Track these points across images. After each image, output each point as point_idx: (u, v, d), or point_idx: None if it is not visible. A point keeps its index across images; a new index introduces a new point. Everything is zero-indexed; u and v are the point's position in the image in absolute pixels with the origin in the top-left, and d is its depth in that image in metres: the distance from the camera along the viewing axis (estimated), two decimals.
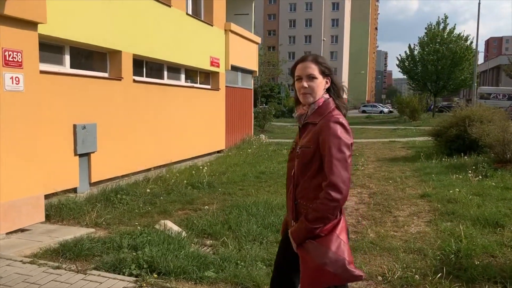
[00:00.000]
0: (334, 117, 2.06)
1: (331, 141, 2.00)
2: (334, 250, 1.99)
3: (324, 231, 2.02)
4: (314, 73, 2.13)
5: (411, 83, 35.27)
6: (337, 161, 1.97)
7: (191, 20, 11.55)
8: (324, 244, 2.00)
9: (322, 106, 2.14)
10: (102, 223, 5.70)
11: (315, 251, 2.00)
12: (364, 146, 15.13)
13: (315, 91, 2.14)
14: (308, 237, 2.03)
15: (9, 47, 4.76)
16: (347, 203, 6.84)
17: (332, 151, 1.99)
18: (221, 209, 6.38)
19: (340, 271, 1.97)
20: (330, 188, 1.96)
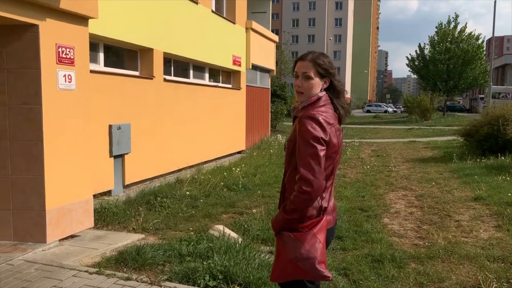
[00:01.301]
0: (310, 113, 2.08)
1: (302, 136, 2.04)
2: (308, 247, 2.03)
3: (304, 227, 2.07)
4: (310, 73, 2.15)
5: (421, 82, 35.03)
6: (308, 155, 2.01)
7: (215, 18, 11.29)
8: (300, 240, 2.05)
9: (311, 103, 2.16)
10: (149, 228, 5.44)
11: (290, 244, 2.06)
12: (386, 146, 14.89)
13: (308, 90, 2.16)
14: (285, 227, 2.09)
15: (62, 43, 4.49)
16: (397, 206, 6.60)
17: (301, 146, 2.03)
18: (268, 213, 6.13)
19: (308, 268, 2.03)
20: (300, 182, 2.01)
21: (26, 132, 4.30)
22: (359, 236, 5.12)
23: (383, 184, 8.20)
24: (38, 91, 4.26)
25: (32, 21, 4.14)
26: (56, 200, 4.48)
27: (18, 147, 4.32)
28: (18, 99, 4.29)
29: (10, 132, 4.31)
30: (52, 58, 4.39)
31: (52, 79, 4.40)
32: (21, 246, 4.31)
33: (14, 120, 4.30)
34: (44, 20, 4.27)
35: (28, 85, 4.27)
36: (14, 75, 4.27)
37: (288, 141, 2.19)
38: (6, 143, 4.32)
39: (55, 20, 4.41)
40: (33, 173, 4.32)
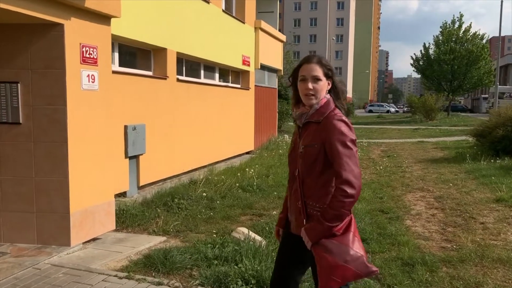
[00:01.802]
0: (337, 115, 2.10)
1: (337, 139, 2.04)
2: (355, 248, 2.05)
3: (339, 229, 2.05)
4: (319, 75, 2.15)
5: (425, 82, 34.94)
6: (346, 157, 2.02)
7: (226, 17, 11.21)
8: (344, 243, 2.04)
9: (324, 106, 2.16)
10: (170, 230, 5.36)
11: (336, 250, 2.03)
12: (395, 147, 14.81)
13: (319, 93, 2.16)
14: (325, 235, 2.05)
15: (86, 43, 4.41)
16: (417, 208, 6.52)
17: (339, 148, 2.03)
18: None
19: (360, 268, 2.03)
20: (344, 185, 1.99)
21: (50, 133, 4.22)
22: (383, 239, 5.04)
23: (399, 185, 8.13)
24: (62, 92, 4.17)
25: (57, 20, 4.06)
26: (80, 202, 4.40)
27: (42, 149, 4.24)
28: (43, 100, 4.21)
29: (34, 134, 4.23)
30: (76, 58, 4.31)
31: (76, 79, 4.32)
32: (46, 249, 4.23)
33: (38, 121, 4.22)
34: (69, 19, 4.19)
35: (53, 85, 4.19)
36: (38, 75, 4.19)
37: (307, 146, 2.13)
38: (30, 144, 4.24)
39: (79, 19, 4.33)
40: (58, 175, 4.24)
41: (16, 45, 4.18)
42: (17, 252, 4.12)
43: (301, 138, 2.20)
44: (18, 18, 3.93)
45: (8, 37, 4.18)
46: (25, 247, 4.26)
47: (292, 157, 2.27)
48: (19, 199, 4.29)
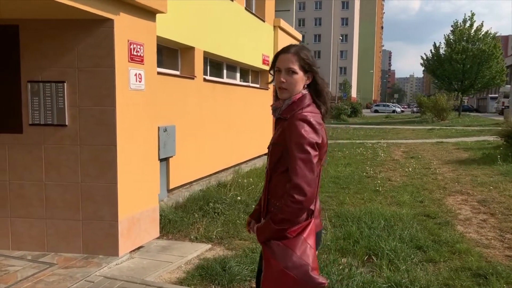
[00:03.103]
0: (301, 114, 1.94)
1: (294, 140, 1.90)
2: (299, 254, 1.91)
3: (292, 232, 1.94)
4: (294, 67, 1.99)
5: (436, 82, 34.61)
6: (300, 161, 1.88)
7: (248, 15, 10.95)
8: (290, 247, 1.92)
9: (296, 102, 2.01)
10: (213, 237, 5.11)
11: (279, 252, 1.92)
12: (415, 148, 14.53)
13: (292, 87, 2.01)
14: (273, 237, 1.95)
15: (133, 40, 4.15)
16: (463, 212, 6.25)
17: (294, 151, 1.89)
18: (326, 220, 5.80)
19: (301, 277, 1.89)
20: (293, 190, 1.87)
21: (98, 136, 3.96)
22: (440, 247, 4.77)
23: (436, 188, 7.86)
24: (111, 92, 3.92)
25: (107, 15, 3.80)
26: (127, 209, 4.14)
27: (89, 152, 3.98)
28: (90, 100, 3.95)
29: (81, 136, 3.98)
30: (124, 56, 4.05)
31: (125, 78, 4.06)
32: (93, 259, 3.97)
33: (85, 123, 3.97)
34: (118, 15, 3.93)
35: (101, 85, 3.93)
36: (85, 74, 3.94)
37: (273, 144, 2.04)
38: (76, 148, 3.99)
39: (127, 15, 4.07)
40: (105, 181, 3.98)
41: (62, 43, 3.93)
42: (64, 263, 3.86)
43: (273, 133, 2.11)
44: (65, 13, 3.68)
45: (53, 34, 3.93)
46: (71, 257, 4.01)
47: (268, 152, 2.14)
48: (64, 206, 4.03)
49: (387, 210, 6.20)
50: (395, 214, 5.94)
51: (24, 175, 4.04)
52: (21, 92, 3.98)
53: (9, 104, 3.99)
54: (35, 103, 3.96)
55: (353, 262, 4.39)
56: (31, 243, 4.09)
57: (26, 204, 4.05)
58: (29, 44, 3.95)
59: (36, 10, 3.68)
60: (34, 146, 4.00)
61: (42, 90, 3.95)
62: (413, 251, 4.63)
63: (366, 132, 22.28)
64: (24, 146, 4.02)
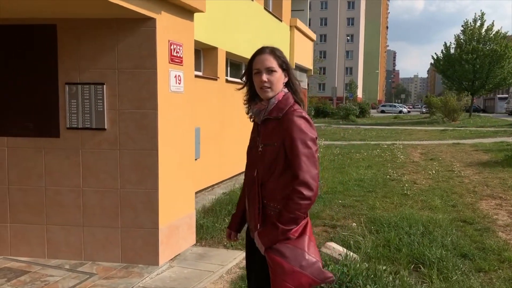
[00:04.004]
0: (297, 112, 1.96)
1: (296, 137, 1.91)
2: (310, 252, 1.93)
3: (295, 232, 1.93)
4: (274, 66, 2.00)
5: (446, 82, 34.31)
6: (305, 157, 1.89)
7: (266, 15, 10.79)
8: (300, 247, 1.92)
9: (282, 101, 2.01)
10: None
11: (291, 254, 1.90)
12: (432, 149, 14.31)
13: (275, 85, 2.01)
14: (279, 240, 1.92)
15: (174, 40, 3.99)
16: (501, 217, 6.05)
17: (298, 147, 1.90)
18: (362, 226, 5.62)
19: (316, 274, 1.93)
20: (301, 186, 1.87)
21: (138, 140, 3.80)
22: (486, 255, 4.59)
23: (465, 192, 7.66)
24: (153, 94, 3.75)
25: (150, 14, 3.64)
26: (167, 216, 3.98)
27: (129, 157, 3.82)
28: (130, 103, 3.79)
29: (121, 140, 3.82)
30: (165, 57, 3.89)
31: (165, 80, 3.90)
32: (133, 269, 3.81)
33: (125, 126, 3.81)
34: (160, 13, 3.77)
35: (142, 87, 3.77)
36: (126, 75, 3.78)
37: (265, 145, 2.00)
38: (115, 153, 3.82)
39: (168, 14, 3.91)
40: (146, 187, 3.82)
41: (101, 43, 3.77)
42: (104, 273, 3.70)
43: (260, 136, 2.05)
44: (106, 11, 3.52)
45: (92, 34, 3.77)
46: (109, 266, 3.85)
47: (251, 157, 2.12)
48: (102, 213, 3.88)
49: (421, 215, 6.02)
50: (431, 219, 5.75)
51: (61, 181, 3.88)
52: (58, 95, 3.82)
53: (46, 107, 3.84)
54: (73, 106, 3.81)
55: (392, 269, 4.22)
56: (68, 252, 3.93)
57: (63, 211, 3.90)
58: (67, 45, 3.79)
59: (75, 9, 3.52)
60: (72, 151, 3.85)
61: (81, 92, 3.79)
62: (459, 260, 4.45)
63: (378, 133, 22.05)
64: (61, 150, 3.86)
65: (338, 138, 18.91)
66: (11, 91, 3.87)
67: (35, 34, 3.81)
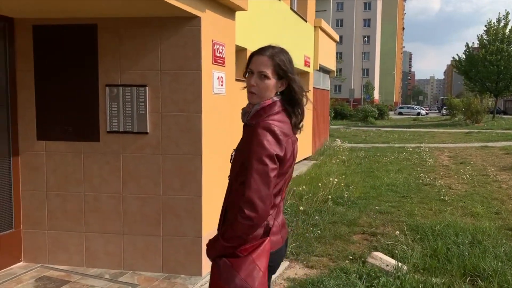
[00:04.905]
0: (265, 122, 1.78)
1: (253, 150, 1.74)
2: (243, 276, 1.76)
3: (243, 251, 1.78)
4: (267, 71, 1.82)
5: (468, 83, 33.58)
6: (256, 173, 1.72)
7: (292, 15, 10.59)
8: (235, 267, 1.77)
9: (265, 108, 1.84)
10: (287, 252, 4.72)
11: (225, 272, 1.78)
12: (460, 152, 13.90)
13: (263, 92, 1.84)
14: (221, 254, 1.81)
15: (217, 40, 3.81)
16: None
17: (252, 162, 1.73)
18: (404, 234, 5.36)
19: None
20: (244, 205, 1.71)
21: (182, 144, 3.62)
22: None
23: (506, 198, 7.32)
24: (197, 96, 3.58)
25: (195, 12, 3.46)
26: (210, 224, 3.79)
27: (171, 162, 3.65)
28: (174, 106, 3.62)
29: (163, 145, 3.65)
30: (209, 57, 3.71)
31: (209, 82, 3.72)
32: (176, 280, 3.63)
33: (167, 130, 3.64)
34: (204, 12, 3.59)
35: (186, 89, 3.59)
36: (169, 77, 3.61)
37: (237, 150, 1.91)
38: (157, 157, 3.66)
39: (212, 12, 3.73)
40: (189, 193, 3.64)
41: (143, 43, 3.61)
42: (146, 283, 3.53)
43: None
44: (149, 10, 3.36)
45: (134, 34, 3.62)
46: (151, 276, 3.68)
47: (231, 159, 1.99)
48: (143, 220, 3.71)
49: (465, 222, 5.73)
50: (477, 228, 5.45)
51: (101, 187, 3.73)
52: (98, 97, 3.68)
53: (85, 110, 3.69)
54: (114, 109, 3.65)
55: (441, 281, 3.97)
56: (107, 260, 3.78)
57: (103, 218, 3.75)
58: (108, 45, 3.64)
59: (116, 8, 3.37)
60: (112, 155, 3.69)
61: (122, 94, 3.63)
62: None
63: (400, 135, 21.61)
64: (101, 155, 3.71)
65: (360, 141, 18.57)
66: (51, 93, 3.74)
67: (75, 34, 3.67)
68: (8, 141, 3.74)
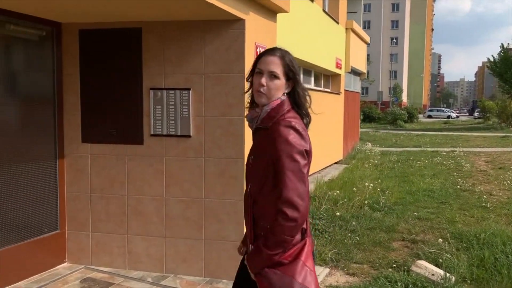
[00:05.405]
0: (285, 120, 1.77)
1: (281, 149, 1.71)
2: (301, 281, 1.72)
3: (288, 257, 1.73)
4: (277, 71, 1.82)
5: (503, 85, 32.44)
6: (290, 172, 1.70)
7: (324, 17, 10.48)
8: (289, 274, 1.72)
9: (275, 108, 1.83)
10: (326, 258, 4.63)
11: (278, 282, 1.72)
12: (497, 157, 13.40)
13: (272, 92, 1.83)
14: (267, 265, 1.73)
15: (259, 43, 3.77)
16: None
17: (283, 161, 1.70)
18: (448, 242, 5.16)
19: None
20: (284, 205, 1.67)
21: (224, 148, 3.60)
22: None
23: None
24: (240, 100, 3.54)
25: (240, 14, 3.43)
26: None
27: (214, 166, 3.62)
28: (216, 109, 3.60)
29: (206, 148, 3.63)
30: (250, 60, 3.65)
31: None
32: (217, 284, 3.60)
33: (210, 134, 3.62)
34: (248, 14, 3.56)
35: (229, 92, 3.57)
36: (212, 80, 3.59)
37: (255, 158, 1.85)
38: (200, 161, 3.64)
39: (255, 14, 3.70)
40: (231, 197, 3.61)
41: (187, 46, 3.61)
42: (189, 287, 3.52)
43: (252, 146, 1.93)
44: (194, 13, 3.35)
45: (178, 37, 3.62)
46: (193, 280, 3.66)
47: (247, 170, 1.95)
48: (185, 224, 3.70)
49: (511, 231, 5.48)
50: None
51: (144, 190, 3.75)
52: (142, 100, 3.70)
53: (130, 113, 3.72)
54: (158, 112, 3.66)
55: None
56: (149, 263, 3.79)
57: (145, 221, 3.76)
58: (152, 49, 3.66)
59: (161, 11, 3.38)
60: (155, 159, 3.71)
61: (166, 98, 3.64)
62: None
63: (432, 139, 21.05)
64: (144, 158, 3.73)
65: (391, 144, 18.19)
66: (96, 96, 3.79)
67: (119, 38, 3.71)
68: (54, 144, 3.81)
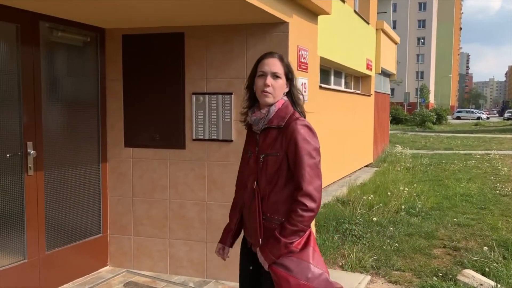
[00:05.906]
0: (300, 120, 1.93)
1: (301, 146, 1.87)
2: (315, 263, 1.88)
3: (298, 245, 1.88)
4: (280, 72, 1.96)
5: None
6: (309, 167, 1.87)
7: (355, 18, 10.34)
8: (304, 259, 1.86)
9: (282, 109, 1.96)
10: (366, 265, 4.52)
11: (296, 268, 1.84)
12: None
13: (277, 92, 1.96)
14: (282, 254, 1.86)
15: (302, 45, 3.71)
16: None
17: (303, 157, 1.87)
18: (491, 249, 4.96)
19: (323, 285, 1.86)
20: (304, 197, 1.84)
21: None
22: None
23: None
24: None
25: (283, 17, 3.38)
26: None
27: None
28: None
29: None
30: (294, 64, 3.61)
31: None
32: None
33: None
34: (291, 17, 3.51)
35: None
36: None
37: (268, 155, 1.93)
38: None
39: (298, 17, 3.64)
40: None
41: (229, 50, 3.58)
42: None
43: (259, 146, 1.98)
44: (239, 16, 3.31)
45: (220, 41, 3.60)
46: (234, 286, 3.62)
47: (248, 169, 2.04)
48: None
49: None
50: None
51: (185, 194, 3.74)
52: (185, 105, 3.69)
53: (172, 117, 3.72)
54: (200, 117, 3.65)
55: None
56: (190, 268, 3.78)
57: (187, 225, 3.75)
58: (194, 53, 3.66)
59: (204, 16, 3.36)
60: (197, 163, 3.69)
61: (208, 102, 3.63)
62: None
63: (463, 141, 20.48)
64: (186, 162, 3.72)
65: (420, 147, 17.77)
66: (138, 101, 3.81)
67: (162, 43, 3.72)
68: (98, 148, 3.85)
